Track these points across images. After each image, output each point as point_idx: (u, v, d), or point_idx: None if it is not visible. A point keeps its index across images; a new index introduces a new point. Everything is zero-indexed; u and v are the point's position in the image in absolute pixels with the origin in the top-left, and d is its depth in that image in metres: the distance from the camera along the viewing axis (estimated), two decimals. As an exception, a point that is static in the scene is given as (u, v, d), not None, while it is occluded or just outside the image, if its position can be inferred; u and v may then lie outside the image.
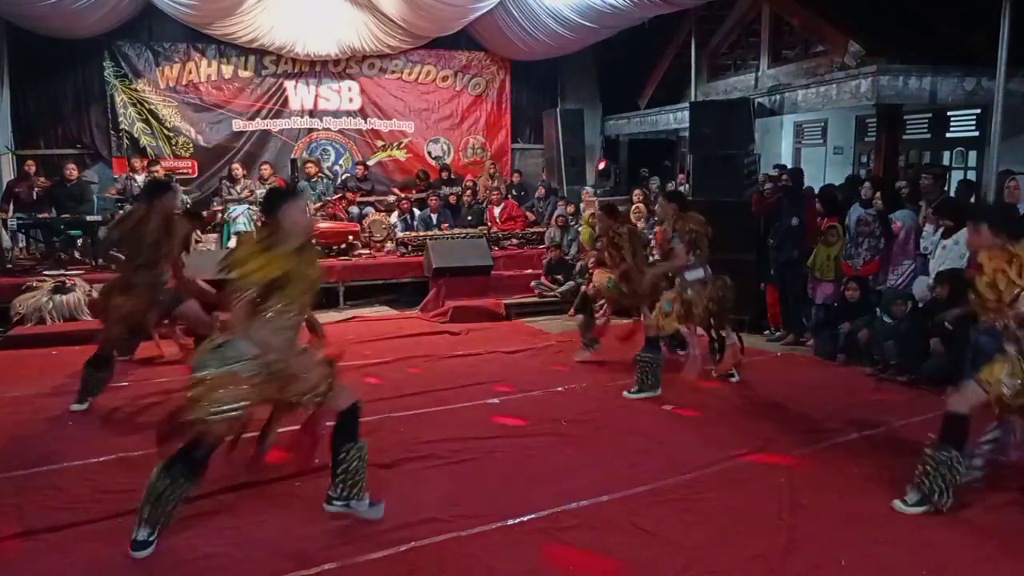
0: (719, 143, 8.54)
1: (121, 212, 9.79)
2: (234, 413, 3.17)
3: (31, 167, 10.32)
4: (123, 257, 5.58)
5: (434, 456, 4.47)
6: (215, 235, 10.82)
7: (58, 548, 3.40)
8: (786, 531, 3.51)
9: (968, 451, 3.80)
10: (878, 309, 6.59)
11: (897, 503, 3.76)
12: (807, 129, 12.04)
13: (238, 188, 11.14)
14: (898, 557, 3.30)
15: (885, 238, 6.94)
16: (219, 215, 10.78)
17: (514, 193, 12.48)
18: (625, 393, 5.71)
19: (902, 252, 6.83)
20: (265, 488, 4.02)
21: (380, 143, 13.43)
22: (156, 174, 10.62)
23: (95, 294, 8.41)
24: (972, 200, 7.60)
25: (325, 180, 11.94)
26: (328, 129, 13.19)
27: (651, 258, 7.44)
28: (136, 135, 12.03)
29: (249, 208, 10.64)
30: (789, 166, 10.48)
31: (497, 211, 11.50)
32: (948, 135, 9.93)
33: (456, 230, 11.01)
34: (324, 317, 8.24)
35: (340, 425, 3.56)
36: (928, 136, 10.20)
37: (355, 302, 9.80)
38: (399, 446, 4.58)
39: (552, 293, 9.76)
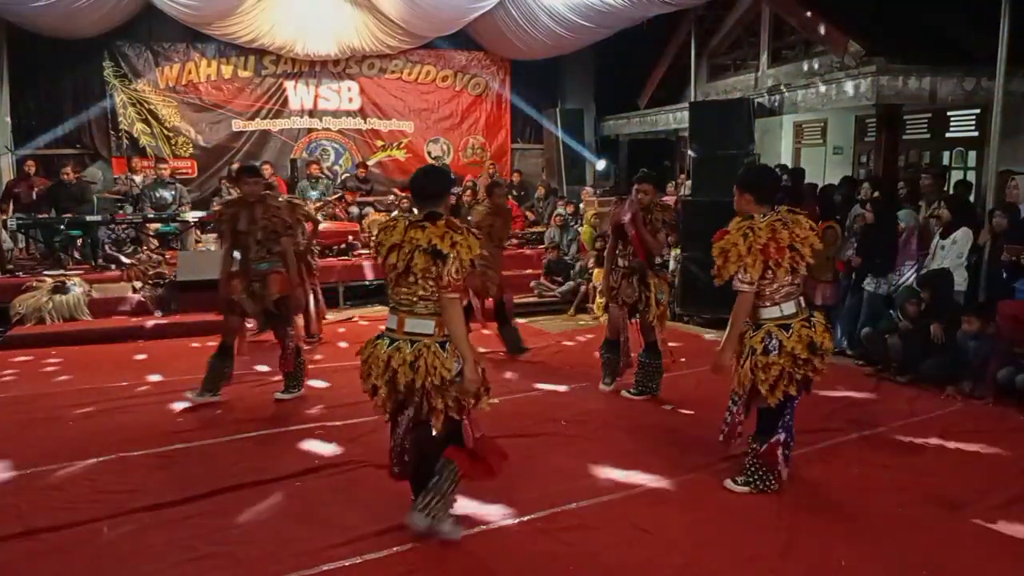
0: (719, 143, 8.54)
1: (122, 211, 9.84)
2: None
3: (31, 167, 10.33)
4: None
5: (434, 456, 4.46)
6: (215, 235, 10.82)
7: (58, 548, 3.39)
8: (786, 531, 3.51)
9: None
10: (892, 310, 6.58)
11: (728, 482, 4.01)
12: (807, 129, 12.03)
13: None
14: (898, 557, 3.30)
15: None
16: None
17: (514, 193, 12.49)
18: (624, 392, 5.69)
19: (904, 252, 6.83)
20: (265, 488, 4.02)
21: (380, 143, 13.44)
22: (162, 173, 10.63)
23: (95, 294, 8.46)
24: (971, 199, 7.62)
25: (325, 180, 11.94)
26: (328, 129, 13.20)
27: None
28: (136, 135, 12.04)
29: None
30: (789, 166, 10.48)
31: (497, 211, 11.48)
32: (948, 135, 9.92)
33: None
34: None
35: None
36: (928, 136, 10.19)
37: (355, 302, 9.82)
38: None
39: (552, 293, 9.77)
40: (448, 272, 3.20)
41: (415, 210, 3.41)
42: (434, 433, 3.34)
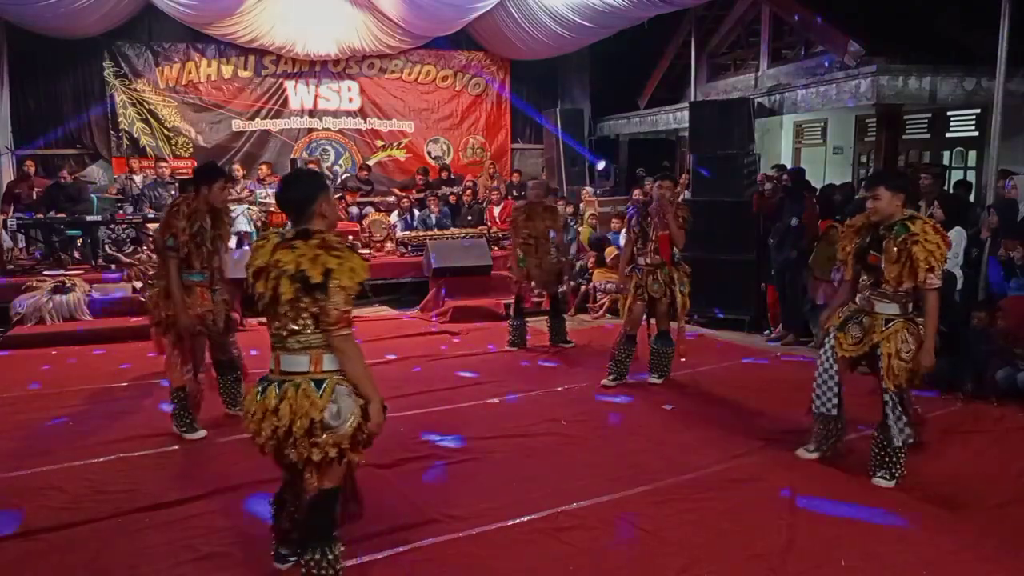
0: (719, 143, 8.55)
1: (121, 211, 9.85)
2: None
3: (31, 167, 10.33)
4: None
5: (434, 456, 4.47)
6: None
7: (58, 548, 3.39)
8: (786, 531, 3.51)
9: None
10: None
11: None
12: (807, 129, 12.05)
13: (237, 189, 11.14)
14: (898, 557, 3.30)
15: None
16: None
17: (514, 193, 12.48)
18: (649, 380, 6.01)
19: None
20: (265, 488, 4.00)
21: (380, 143, 13.45)
22: (162, 173, 10.63)
23: (95, 294, 8.45)
24: (971, 199, 7.61)
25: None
26: (328, 129, 13.21)
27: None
28: (136, 135, 12.05)
29: (248, 208, 10.65)
30: (789, 166, 10.49)
31: (497, 211, 11.50)
32: (948, 135, 9.93)
33: (456, 230, 11.00)
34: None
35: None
36: (928, 136, 10.21)
37: (355, 302, 9.78)
38: (399, 446, 4.57)
39: (552, 293, 9.72)
40: (333, 305, 2.75)
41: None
42: (309, 492, 2.92)
